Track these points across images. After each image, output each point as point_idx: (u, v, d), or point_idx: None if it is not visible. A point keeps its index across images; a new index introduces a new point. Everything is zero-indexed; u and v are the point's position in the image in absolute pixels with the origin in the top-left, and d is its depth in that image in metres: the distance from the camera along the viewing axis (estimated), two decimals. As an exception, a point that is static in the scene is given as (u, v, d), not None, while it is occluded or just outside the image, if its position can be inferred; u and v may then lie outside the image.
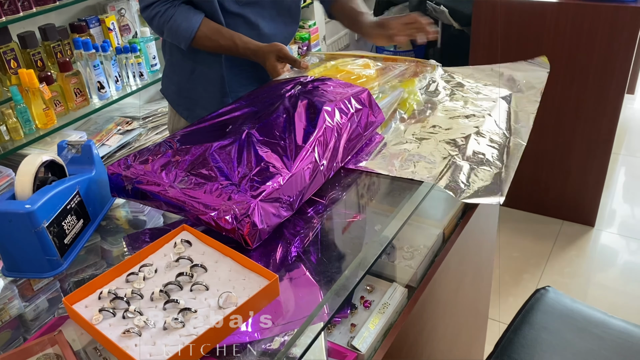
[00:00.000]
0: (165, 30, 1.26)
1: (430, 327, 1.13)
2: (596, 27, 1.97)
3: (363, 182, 1.09)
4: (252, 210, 0.80)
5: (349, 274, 0.83)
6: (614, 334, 1.09)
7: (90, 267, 0.90)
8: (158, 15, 1.24)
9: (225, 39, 1.24)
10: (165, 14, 1.24)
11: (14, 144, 1.76)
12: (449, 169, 0.96)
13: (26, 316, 0.87)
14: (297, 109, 0.99)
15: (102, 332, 0.68)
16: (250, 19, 1.30)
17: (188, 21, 1.23)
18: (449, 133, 1.06)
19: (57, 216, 0.83)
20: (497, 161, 1.00)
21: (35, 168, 0.83)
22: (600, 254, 2.24)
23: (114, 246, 0.99)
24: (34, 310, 0.88)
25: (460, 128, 1.07)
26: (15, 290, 0.90)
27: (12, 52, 1.78)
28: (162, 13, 1.24)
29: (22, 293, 0.90)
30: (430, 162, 0.99)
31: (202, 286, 0.74)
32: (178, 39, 1.26)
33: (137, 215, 1.10)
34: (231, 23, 1.29)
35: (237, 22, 1.29)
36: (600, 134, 2.16)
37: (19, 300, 0.90)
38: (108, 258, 0.95)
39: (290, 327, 0.75)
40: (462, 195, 0.91)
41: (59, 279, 0.89)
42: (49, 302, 0.89)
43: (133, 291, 0.74)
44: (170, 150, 0.95)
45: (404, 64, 1.28)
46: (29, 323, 0.87)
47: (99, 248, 0.95)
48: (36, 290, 0.90)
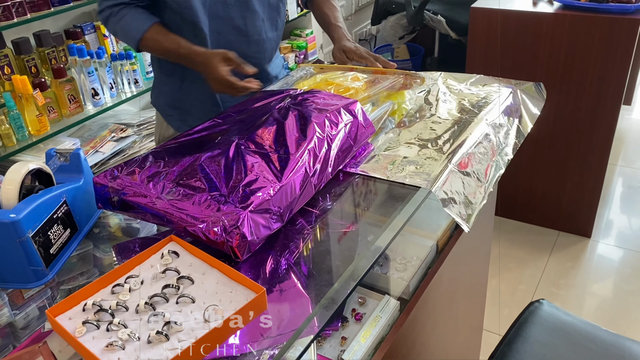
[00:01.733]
0: (117, 30, 1.25)
1: (423, 340, 1.11)
2: (592, 38, 1.97)
3: (355, 193, 1.08)
4: (241, 221, 0.79)
5: (339, 286, 0.81)
6: (607, 348, 1.07)
7: (82, 275, 0.89)
8: (112, 15, 1.23)
9: (171, 41, 1.22)
10: (119, 14, 1.23)
11: (6, 150, 1.74)
12: (440, 175, 0.95)
13: (15, 325, 0.86)
14: (287, 120, 0.98)
15: (85, 345, 0.66)
16: (238, 23, 1.28)
17: (139, 21, 1.22)
18: (440, 140, 1.05)
19: (43, 226, 0.82)
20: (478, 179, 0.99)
21: (21, 177, 0.82)
22: (596, 265, 2.23)
23: (106, 254, 0.98)
24: (24, 319, 0.86)
25: (453, 136, 1.06)
26: (6, 298, 0.88)
27: (6, 58, 1.77)
28: (116, 13, 1.23)
29: (10, 301, 0.88)
30: (419, 165, 0.98)
31: (188, 299, 0.73)
32: (128, 38, 1.24)
33: (130, 222, 1.08)
34: (220, 30, 1.27)
35: (225, 27, 1.27)
36: (596, 145, 2.15)
37: (8, 309, 0.88)
38: (99, 266, 0.94)
39: (279, 340, 0.74)
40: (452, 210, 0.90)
41: (49, 287, 0.87)
42: (38, 310, 0.87)
43: (118, 303, 0.73)
44: (159, 161, 0.93)
45: (393, 76, 1.27)
46: (18, 332, 0.85)
47: (91, 256, 0.94)
48: (26, 298, 0.88)
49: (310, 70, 1.41)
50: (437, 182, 0.93)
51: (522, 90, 1.26)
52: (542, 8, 2.07)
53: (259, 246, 0.84)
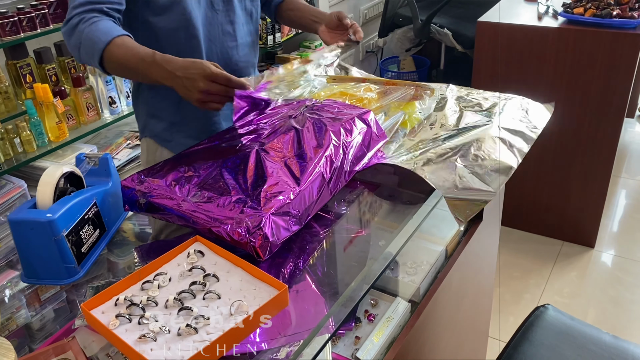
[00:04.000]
0: (82, 39, 1.06)
1: (432, 342, 1.15)
2: (596, 53, 2.02)
3: (367, 199, 1.13)
4: (264, 223, 0.83)
5: (354, 287, 0.85)
6: (611, 351, 1.11)
7: (98, 278, 0.93)
8: (82, 22, 1.07)
9: (143, 49, 1.06)
10: (90, 20, 1.07)
11: (26, 156, 1.80)
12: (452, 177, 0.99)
13: (39, 322, 0.90)
14: (304, 128, 1.03)
15: (119, 336, 0.71)
16: (228, 29, 1.28)
17: (110, 29, 1.07)
18: (451, 146, 1.09)
19: (76, 225, 0.86)
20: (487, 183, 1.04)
21: (56, 179, 0.87)
22: (599, 274, 2.26)
23: (120, 258, 1.02)
24: (43, 318, 0.90)
25: (465, 143, 1.10)
26: (24, 299, 0.92)
27: (28, 66, 1.83)
28: (87, 19, 1.07)
29: (34, 300, 0.93)
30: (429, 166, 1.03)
31: (214, 295, 0.77)
32: (93, 46, 1.05)
33: (144, 228, 1.13)
34: (213, 36, 1.26)
35: (217, 33, 1.27)
36: (600, 157, 2.19)
37: (32, 307, 0.93)
38: (114, 270, 0.98)
39: (296, 338, 0.78)
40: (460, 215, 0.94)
41: (66, 288, 0.91)
42: (59, 310, 0.91)
43: (148, 298, 0.77)
44: (183, 166, 0.98)
45: (404, 87, 1.32)
46: (47, 327, 0.89)
47: (105, 260, 0.98)
48: (48, 297, 0.92)
49: (323, 82, 1.46)
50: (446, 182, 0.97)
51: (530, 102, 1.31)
52: (547, 23, 2.13)
53: (277, 248, 0.88)
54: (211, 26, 1.26)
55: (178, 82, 1.01)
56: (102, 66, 1.08)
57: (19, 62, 1.82)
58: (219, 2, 1.27)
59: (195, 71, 0.99)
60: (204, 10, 1.24)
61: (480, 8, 2.40)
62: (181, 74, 1.00)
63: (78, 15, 1.08)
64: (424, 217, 1.01)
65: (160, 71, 1.03)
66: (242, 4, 1.32)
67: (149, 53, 1.04)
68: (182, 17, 1.19)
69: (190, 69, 1.00)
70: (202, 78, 0.99)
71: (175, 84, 1.02)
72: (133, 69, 1.06)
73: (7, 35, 1.74)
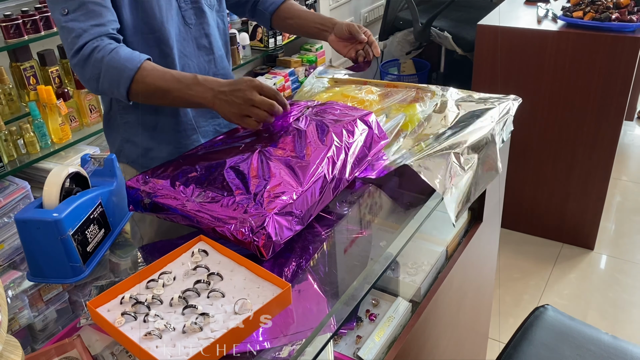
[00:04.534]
0: (103, 67, 1.05)
1: (433, 342, 1.16)
2: (595, 56, 2.04)
3: (368, 200, 1.14)
4: (267, 222, 0.85)
5: (355, 287, 0.87)
6: (610, 351, 1.12)
7: (101, 279, 0.94)
8: (97, 50, 1.05)
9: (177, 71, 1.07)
10: (104, 49, 1.05)
11: (30, 157, 1.81)
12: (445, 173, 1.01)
13: (42, 323, 0.91)
14: (307, 129, 1.04)
15: (125, 333, 0.72)
16: (203, 42, 1.27)
17: (131, 54, 1.06)
18: (450, 148, 1.11)
19: (81, 225, 0.87)
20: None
21: (62, 179, 0.88)
22: (599, 276, 2.27)
23: (123, 259, 1.03)
24: (46, 319, 0.91)
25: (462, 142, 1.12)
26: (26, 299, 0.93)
27: (32, 69, 1.85)
28: (103, 47, 1.05)
29: (37, 301, 0.93)
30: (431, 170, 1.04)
31: (218, 293, 0.78)
32: (120, 72, 1.04)
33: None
34: (188, 52, 1.25)
35: (191, 49, 1.25)
36: (599, 159, 2.21)
37: (34, 308, 0.94)
38: (117, 270, 0.99)
39: (298, 337, 0.79)
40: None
41: (68, 289, 0.92)
42: (62, 311, 0.92)
43: (153, 297, 0.78)
44: (187, 167, 1.00)
45: (405, 90, 1.34)
46: (49, 328, 0.90)
47: (108, 261, 0.99)
48: (50, 297, 0.93)
49: (324, 83, 1.48)
50: (444, 181, 0.98)
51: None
52: (547, 26, 2.15)
53: (279, 249, 0.89)
54: (185, 41, 1.24)
55: (222, 98, 1.01)
56: (128, 93, 1.07)
57: (22, 65, 1.83)
58: (191, 17, 1.23)
59: (243, 83, 1.00)
60: (176, 25, 1.21)
61: (480, 11, 2.42)
62: (228, 88, 1.01)
63: (88, 44, 1.05)
64: (424, 218, 1.02)
65: (202, 90, 1.03)
66: (214, 16, 1.29)
67: (187, 75, 1.05)
68: (155, 35, 1.16)
69: (238, 83, 1.01)
70: (250, 88, 0.99)
71: (219, 100, 1.01)
72: (165, 91, 1.05)
73: (11, 38, 1.75)
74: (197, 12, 1.24)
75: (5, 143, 1.74)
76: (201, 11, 1.25)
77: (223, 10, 1.33)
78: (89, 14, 1.06)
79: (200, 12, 1.25)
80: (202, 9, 1.25)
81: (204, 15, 1.25)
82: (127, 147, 1.29)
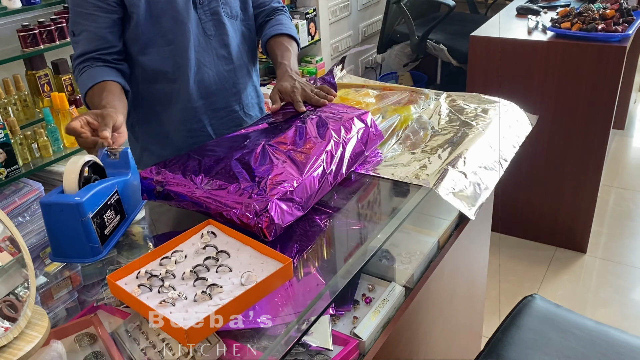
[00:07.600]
0: (79, 83, 1.24)
1: (426, 327, 1.23)
2: (583, 65, 2.13)
3: (364, 192, 1.22)
4: (270, 206, 0.92)
5: (351, 263, 0.94)
6: (593, 334, 1.19)
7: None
8: (76, 72, 1.25)
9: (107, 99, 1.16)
10: (80, 72, 1.24)
11: (43, 160, 1.90)
12: (441, 176, 1.09)
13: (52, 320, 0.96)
14: (307, 125, 1.12)
15: (143, 301, 0.79)
16: (222, 52, 1.32)
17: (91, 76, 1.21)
18: (443, 149, 1.19)
19: (100, 209, 0.95)
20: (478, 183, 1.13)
21: (79, 167, 0.96)
22: (591, 278, 2.34)
23: (130, 260, 1.09)
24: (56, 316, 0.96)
25: (455, 146, 1.20)
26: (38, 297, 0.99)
27: (46, 77, 1.94)
28: (80, 70, 1.24)
29: (47, 299, 0.99)
30: (423, 167, 1.12)
31: (226, 268, 0.86)
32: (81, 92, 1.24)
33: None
34: (207, 62, 1.31)
35: (211, 59, 1.32)
36: (589, 165, 2.29)
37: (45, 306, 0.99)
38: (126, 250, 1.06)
39: (296, 315, 0.86)
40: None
41: (77, 288, 0.99)
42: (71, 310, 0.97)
43: (167, 271, 0.86)
44: (196, 159, 1.08)
45: (400, 92, 1.42)
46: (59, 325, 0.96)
47: (115, 261, 1.05)
48: (61, 295, 0.99)
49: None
50: (440, 182, 1.07)
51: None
52: (537, 37, 2.25)
53: (280, 234, 0.97)
54: (205, 52, 1.30)
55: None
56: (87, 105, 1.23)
57: (37, 73, 1.93)
58: (211, 28, 1.30)
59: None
60: (196, 36, 1.28)
61: (474, 25, 2.52)
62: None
63: (77, 66, 1.25)
64: (414, 205, 1.10)
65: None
66: (234, 25, 1.34)
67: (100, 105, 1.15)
68: (171, 47, 1.26)
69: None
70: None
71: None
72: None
73: (28, 47, 1.85)
74: (217, 24, 1.31)
75: (21, 147, 1.83)
76: (220, 22, 1.31)
77: (249, 18, 1.38)
78: (89, 40, 1.23)
79: (219, 23, 1.31)
80: (221, 21, 1.31)
81: (224, 26, 1.32)
82: (145, 156, 1.41)
